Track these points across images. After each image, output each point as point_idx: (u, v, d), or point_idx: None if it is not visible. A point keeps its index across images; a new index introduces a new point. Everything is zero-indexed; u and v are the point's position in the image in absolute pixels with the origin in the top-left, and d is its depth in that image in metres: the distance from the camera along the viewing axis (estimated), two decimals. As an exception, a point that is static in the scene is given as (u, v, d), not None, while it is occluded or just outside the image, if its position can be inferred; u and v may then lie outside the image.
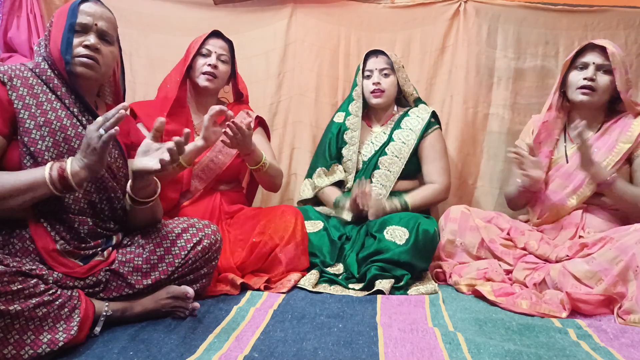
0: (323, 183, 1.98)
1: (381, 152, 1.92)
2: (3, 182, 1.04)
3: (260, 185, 1.91)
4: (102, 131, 1.04)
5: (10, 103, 1.12)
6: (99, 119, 1.06)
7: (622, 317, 1.29)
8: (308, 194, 2.01)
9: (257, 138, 1.86)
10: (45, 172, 1.05)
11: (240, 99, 1.96)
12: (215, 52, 1.80)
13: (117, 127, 1.04)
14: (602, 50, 1.62)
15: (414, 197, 1.86)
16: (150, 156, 1.13)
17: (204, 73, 1.78)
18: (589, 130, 1.69)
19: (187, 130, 1.13)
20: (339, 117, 2.06)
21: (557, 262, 1.52)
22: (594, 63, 1.63)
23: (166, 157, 1.09)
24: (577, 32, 2.17)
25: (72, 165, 1.06)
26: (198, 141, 1.49)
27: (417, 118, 1.95)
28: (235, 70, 1.89)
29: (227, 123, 1.49)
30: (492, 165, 2.22)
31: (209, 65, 1.77)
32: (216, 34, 1.84)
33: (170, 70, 1.83)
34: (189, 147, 1.49)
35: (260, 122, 1.92)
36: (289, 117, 2.27)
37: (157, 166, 1.10)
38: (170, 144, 1.10)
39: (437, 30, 2.24)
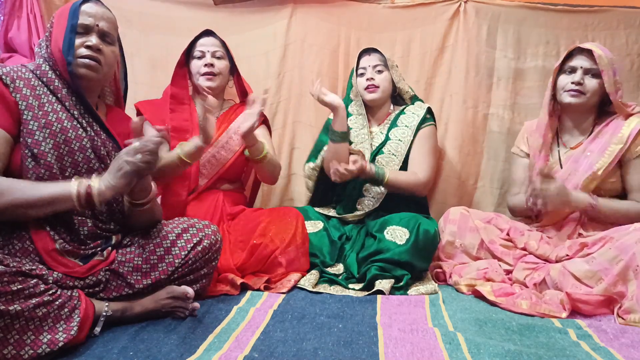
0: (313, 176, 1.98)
1: (378, 151, 1.91)
2: (28, 193, 1.05)
3: (260, 178, 1.92)
4: (138, 157, 1.07)
5: (15, 104, 1.13)
6: (136, 145, 1.08)
7: (622, 317, 1.29)
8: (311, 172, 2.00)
9: (260, 132, 1.87)
10: (73, 188, 1.07)
11: (245, 97, 1.96)
12: (209, 50, 1.81)
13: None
14: (590, 53, 1.62)
15: (394, 174, 1.80)
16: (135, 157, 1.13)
17: (202, 74, 1.79)
18: (578, 136, 1.70)
19: (161, 127, 1.15)
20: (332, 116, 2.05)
21: (557, 262, 1.52)
22: (581, 67, 1.64)
23: (146, 158, 1.10)
24: (578, 32, 2.17)
25: (99, 185, 1.08)
26: (196, 140, 1.52)
27: (412, 115, 1.94)
28: (235, 65, 1.90)
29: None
30: (492, 166, 2.21)
31: (205, 65, 1.78)
32: (206, 33, 1.85)
33: (171, 72, 1.86)
34: (189, 146, 1.54)
35: (264, 121, 1.94)
36: (288, 117, 2.28)
37: (138, 166, 1.10)
38: (150, 145, 1.10)
39: (437, 30, 2.24)
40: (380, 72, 1.93)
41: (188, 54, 1.86)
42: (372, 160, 1.91)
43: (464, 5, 2.20)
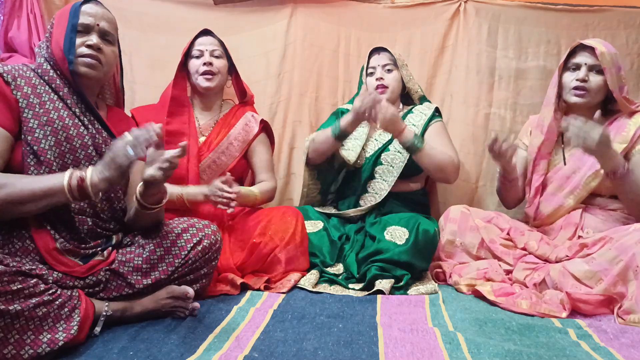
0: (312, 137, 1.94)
1: (384, 148, 1.91)
2: (21, 187, 1.05)
3: None
4: (130, 151, 1.05)
5: (16, 102, 1.13)
6: (129, 138, 1.07)
7: (622, 317, 1.29)
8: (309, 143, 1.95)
9: (258, 146, 1.87)
10: (65, 180, 1.06)
11: (244, 98, 1.96)
12: (207, 49, 1.81)
13: (145, 150, 1.07)
14: (593, 50, 1.61)
15: (430, 146, 1.79)
16: (154, 165, 1.13)
17: (201, 74, 1.79)
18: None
19: (183, 143, 1.13)
20: (346, 107, 2.06)
21: (557, 262, 1.52)
22: (585, 64, 1.63)
23: (165, 166, 1.10)
24: (578, 31, 2.17)
25: (92, 176, 1.07)
26: (200, 194, 1.62)
27: (420, 114, 1.95)
28: (233, 65, 1.90)
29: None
30: (493, 165, 2.20)
31: (204, 64, 1.78)
32: (204, 32, 1.85)
33: (170, 72, 1.85)
34: (194, 193, 1.63)
35: (265, 128, 1.92)
36: (288, 117, 2.27)
37: (160, 176, 1.11)
38: (168, 156, 1.11)
39: (437, 30, 2.24)
40: (389, 71, 1.94)
41: (186, 55, 1.86)
42: (377, 157, 1.91)
43: (464, 5, 2.21)
